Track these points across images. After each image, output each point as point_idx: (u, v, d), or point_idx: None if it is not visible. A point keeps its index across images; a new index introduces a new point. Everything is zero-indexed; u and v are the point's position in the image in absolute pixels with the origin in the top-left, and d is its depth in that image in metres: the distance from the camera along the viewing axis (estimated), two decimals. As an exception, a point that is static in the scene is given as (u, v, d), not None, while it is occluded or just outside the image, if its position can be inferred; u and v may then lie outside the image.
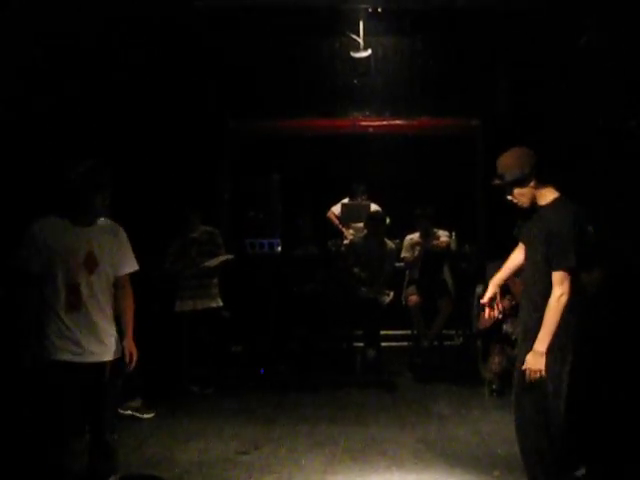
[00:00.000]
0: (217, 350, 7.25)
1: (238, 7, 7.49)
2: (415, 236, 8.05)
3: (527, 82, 7.68)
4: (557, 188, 3.97)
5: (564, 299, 3.74)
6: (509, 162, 4.01)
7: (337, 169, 9.92)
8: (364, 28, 7.82)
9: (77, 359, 3.85)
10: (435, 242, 8.00)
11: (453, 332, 8.36)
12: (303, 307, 7.91)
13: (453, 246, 8.08)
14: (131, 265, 4.16)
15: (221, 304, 7.12)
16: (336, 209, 9.43)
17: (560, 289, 3.76)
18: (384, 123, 9.15)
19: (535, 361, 3.78)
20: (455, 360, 7.87)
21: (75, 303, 3.85)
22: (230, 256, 7.13)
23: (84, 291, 3.87)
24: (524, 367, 3.82)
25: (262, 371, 7.66)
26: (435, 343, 7.80)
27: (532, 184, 3.96)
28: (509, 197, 4.05)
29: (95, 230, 3.97)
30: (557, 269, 3.78)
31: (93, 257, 3.90)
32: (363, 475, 4.82)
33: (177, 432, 5.59)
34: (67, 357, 3.84)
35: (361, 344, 8.03)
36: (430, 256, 7.88)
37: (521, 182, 3.95)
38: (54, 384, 3.86)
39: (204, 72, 8.11)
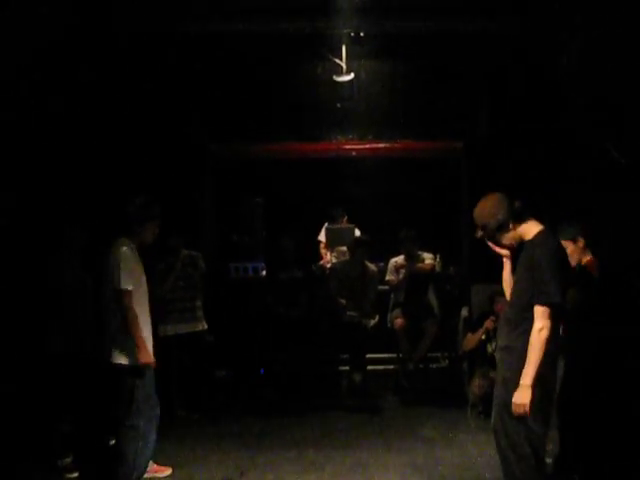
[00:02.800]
0: (201, 374, 7.20)
1: (221, 32, 7.51)
2: (400, 259, 8.05)
3: (509, 104, 7.73)
4: (539, 220, 4.02)
5: (544, 333, 3.73)
6: (485, 212, 4.05)
7: (320, 192, 9.93)
8: (346, 52, 7.86)
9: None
10: (420, 265, 8.00)
11: (439, 354, 8.34)
12: (288, 331, 7.87)
13: (438, 268, 8.09)
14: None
15: (206, 327, 7.08)
16: (321, 236, 9.45)
17: (540, 323, 3.75)
18: (367, 146, 9.16)
19: (521, 395, 3.75)
20: (441, 382, 7.86)
21: (148, 309, 4.93)
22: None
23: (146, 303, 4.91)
24: (514, 406, 3.78)
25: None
26: (421, 366, 7.77)
27: (512, 226, 4.00)
28: (495, 244, 4.10)
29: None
30: (539, 303, 3.78)
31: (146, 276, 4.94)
32: (350, 500, 4.78)
33: (161, 458, 5.51)
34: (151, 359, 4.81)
35: (346, 368, 7.98)
36: (415, 279, 7.88)
37: (502, 228, 4.00)
38: (146, 383, 4.82)
39: (186, 97, 8.09)
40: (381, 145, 9.15)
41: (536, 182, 7.13)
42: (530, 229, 4.00)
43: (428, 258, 8.07)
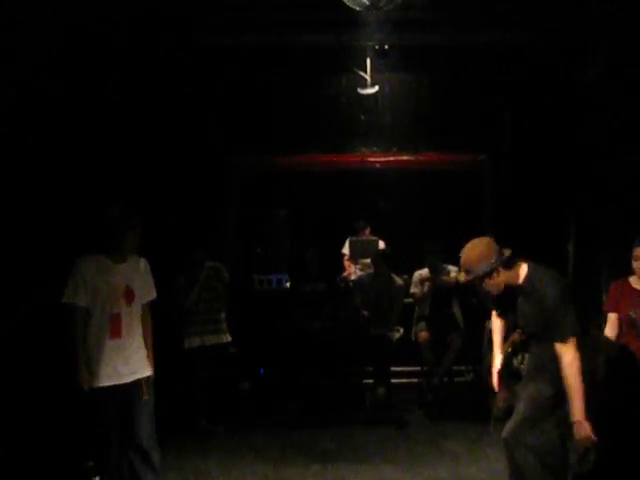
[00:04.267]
0: (226, 386, 7.20)
1: (247, 45, 7.56)
2: (424, 272, 8.00)
3: (533, 115, 7.69)
4: (524, 258, 4.06)
5: (577, 364, 3.78)
6: (474, 256, 4.05)
7: (344, 205, 9.93)
8: (371, 65, 7.88)
9: (115, 382, 4.42)
10: (444, 277, 7.96)
11: (463, 368, 8.27)
12: (312, 344, 7.85)
13: (462, 281, 8.02)
14: (152, 293, 4.74)
15: (230, 339, 7.09)
16: (345, 249, 9.45)
17: (569, 356, 3.80)
18: (391, 159, 9.17)
19: (580, 430, 3.77)
20: (466, 396, 7.79)
21: (117, 331, 4.45)
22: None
23: (124, 320, 4.48)
24: (577, 439, 3.80)
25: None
26: (445, 379, 7.71)
27: (501, 271, 4.01)
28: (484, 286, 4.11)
29: (129, 265, 4.57)
30: (561, 342, 3.83)
31: (130, 290, 4.52)
32: (374, 515, 4.75)
33: (186, 472, 5.52)
34: (109, 382, 4.40)
35: (370, 381, 7.95)
36: (439, 291, 7.83)
37: (490, 274, 3.99)
38: (99, 406, 4.44)
39: (210, 109, 8.15)
40: (405, 157, 9.14)
41: (560, 195, 7.08)
42: (518, 274, 4.03)
43: (453, 271, 8.01)
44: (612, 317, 5.01)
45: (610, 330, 4.99)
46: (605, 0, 5.86)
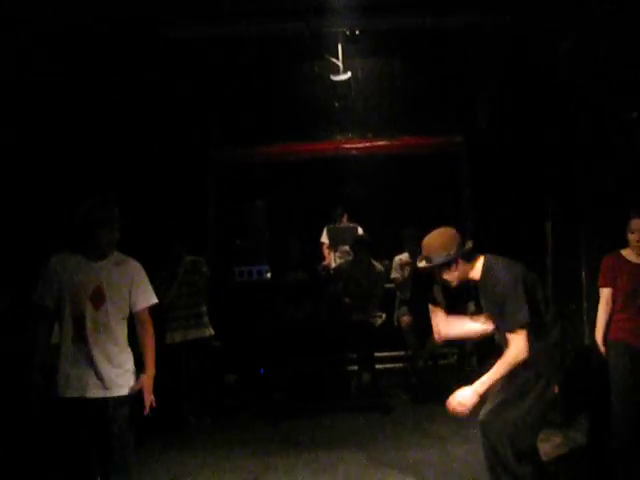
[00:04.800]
0: (211, 380, 7.18)
1: (217, 35, 7.48)
2: (404, 256, 8.01)
3: (508, 96, 7.69)
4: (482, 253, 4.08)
5: (521, 357, 3.83)
6: (435, 245, 4.05)
7: (322, 193, 9.90)
8: (343, 51, 7.84)
9: (82, 394, 3.88)
10: (424, 261, 7.96)
11: (447, 350, 8.30)
12: (295, 333, 7.85)
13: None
14: (147, 299, 4.17)
15: (212, 333, 7.06)
16: (323, 237, 9.44)
17: (516, 349, 3.84)
18: (367, 144, 9.14)
19: (470, 398, 3.90)
20: (450, 379, 7.81)
21: (81, 337, 3.92)
22: None
23: (88, 325, 3.91)
24: (455, 401, 3.96)
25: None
26: (430, 362, 7.74)
27: (460, 263, 4.03)
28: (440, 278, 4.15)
29: (107, 265, 4.04)
30: (512, 331, 3.86)
31: (100, 292, 3.97)
32: (364, 501, 4.76)
33: (174, 467, 5.50)
34: (73, 394, 3.88)
35: (355, 367, 7.97)
36: (420, 275, 7.83)
37: (448, 264, 4.02)
38: (63, 420, 3.93)
39: (184, 101, 8.07)
40: (381, 142, 9.13)
41: (536, 174, 7.10)
42: (477, 267, 4.07)
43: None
44: (606, 292, 4.96)
45: (604, 305, 4.96)
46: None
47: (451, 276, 4.08)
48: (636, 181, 5.47)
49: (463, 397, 3.90)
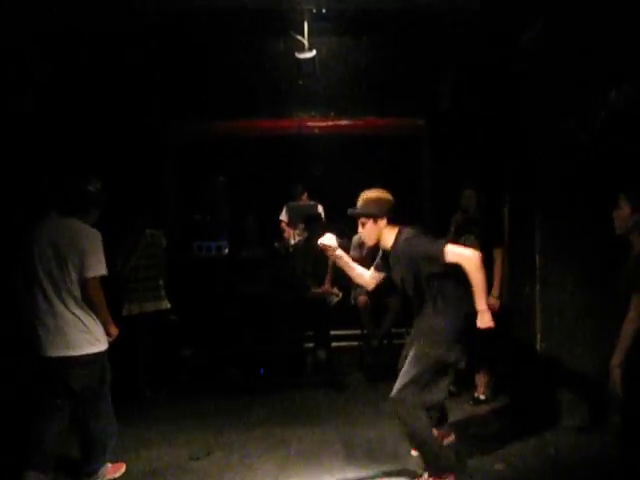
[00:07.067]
0: (167, 354, 7.18)
1: (178, 9, 7.37)
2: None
3: (471, 80, 7.75)
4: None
5: (476, 258, 4.16)
6: (371, 198, 4.52)
7: (283, 170, 9.90)
8: (308, 29, 7.79)
9: (50, 353, 4.42)
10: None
11: (403, 330, 8.39)
12: (252, 309, 7.87)
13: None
14: (96, 269, 4.52)
15: (169, 306, 7.06)
16: (283, 215, 9.46)
17: (465, 258, 4.18)
18: (330, 123, 9.15)
19: (488, 318, 4.20)
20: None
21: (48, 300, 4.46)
22: None
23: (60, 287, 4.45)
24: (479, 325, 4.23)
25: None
26: (385, 342, 7.83)
27: (381, 222, 4.45)
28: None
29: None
30: (444, 254, 4.17)
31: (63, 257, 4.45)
32: (316, 477, 4.83)
33: (128, 440, 5.50)
34: (46, 353, 4.43)
35: (311, 345, 8.03)
36: (377, 255, 7.90)
37: (374, 217, 4.45)
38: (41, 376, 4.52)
39: (143, 77, 7.95)
40: (343, 122, 9.14)
41: (496, 157, 7.19)
42: (390, 236, 4.47)
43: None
44: None
45: None
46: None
47: (369, 231, 4.49)
48: (592, 167, 5.58)
49: (483, 322, 4.23)
